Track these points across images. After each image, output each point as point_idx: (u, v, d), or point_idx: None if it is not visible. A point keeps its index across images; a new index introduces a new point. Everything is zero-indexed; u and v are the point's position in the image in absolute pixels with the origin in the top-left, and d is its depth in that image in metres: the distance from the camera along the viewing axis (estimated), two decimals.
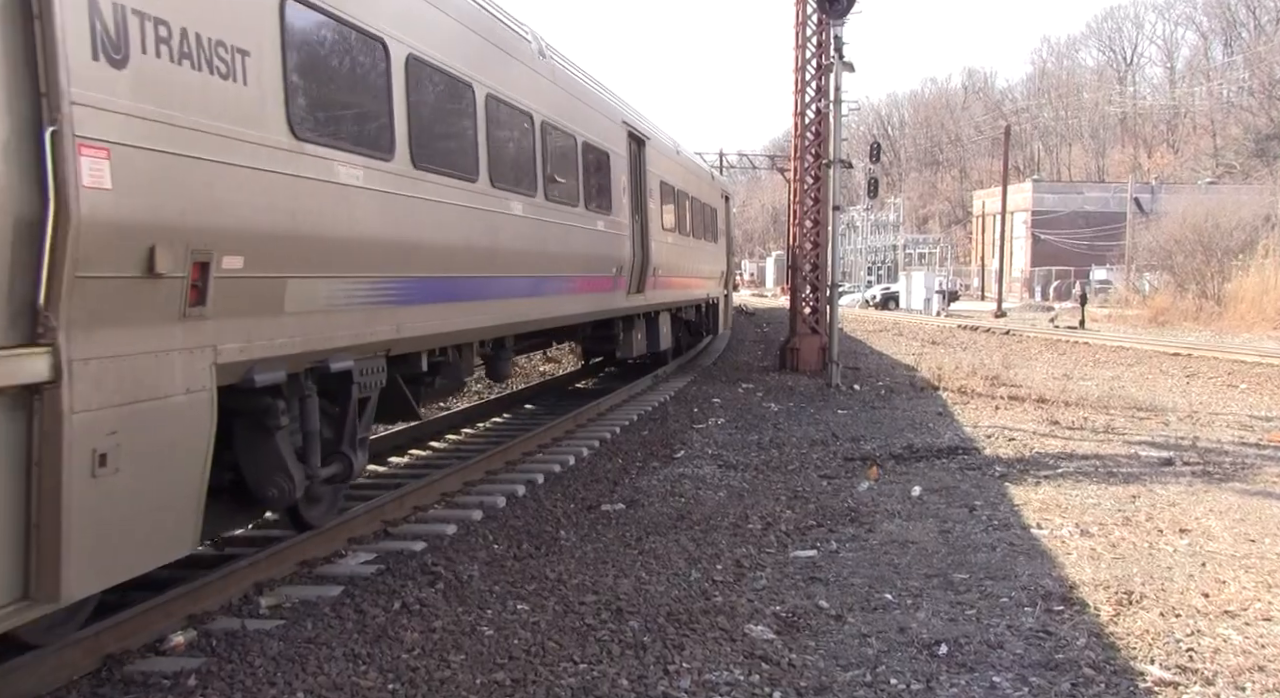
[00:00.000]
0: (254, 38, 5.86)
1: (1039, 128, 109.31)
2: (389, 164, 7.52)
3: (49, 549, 4.47)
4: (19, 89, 4.29)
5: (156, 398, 5.13)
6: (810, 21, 21.36)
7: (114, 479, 4.79)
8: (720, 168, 62.04)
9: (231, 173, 5.62)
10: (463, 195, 8.95)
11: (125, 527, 4.93)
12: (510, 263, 10.28)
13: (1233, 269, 42.90)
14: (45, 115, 4.34)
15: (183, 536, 5.44)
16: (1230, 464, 11.27)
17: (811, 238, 22.10)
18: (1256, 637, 5.80)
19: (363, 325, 7.32)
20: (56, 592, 4.50)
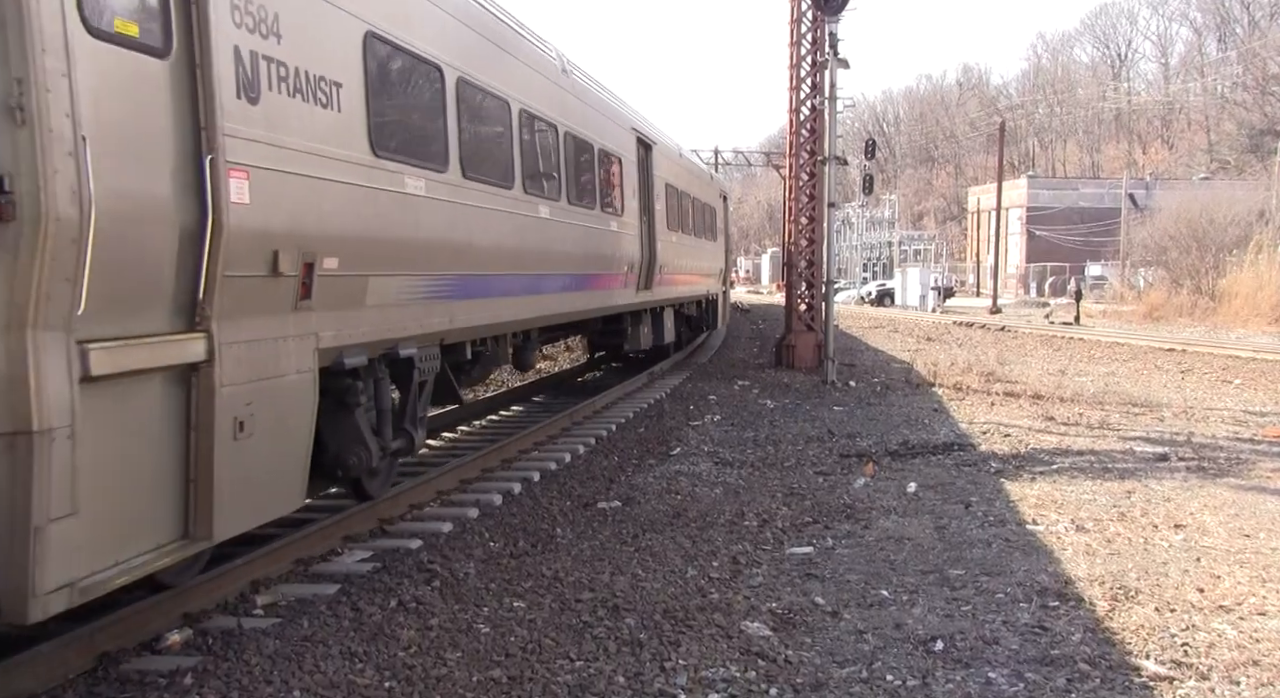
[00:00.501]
0: (345, 71, 6.89)
1: (1034, 124, 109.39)
2: (444, 175, 8.53)
3: (204, 498, 5.49)
4: (186, 125, 5.30)
5: (277, 376, 6.16)
6: (805, 18, 21.33)
7: (249, 443, 5.80)
8: (716, 165, 62.04)
9: (330, 187, 6.63)
10: (501, 201, 9.93)
11: (256, 483, 5.94)
12: (538, 262, 11.28)
13: (1227, 265, 42.95)
14: (205, 145, 5.37)
15: (295, 492, 6.52)
16: (1225, 460, 11.29)
17: (807, 235, 22.10)
18: (1251, 631, 5.82)
19: (424, 317, 8.35)
20: (210, 533, 5.54)
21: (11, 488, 4.37)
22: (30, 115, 4.33)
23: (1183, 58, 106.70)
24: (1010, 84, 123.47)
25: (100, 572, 4.82)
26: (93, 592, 4.78)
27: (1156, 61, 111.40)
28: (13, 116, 4.30)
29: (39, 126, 4.35)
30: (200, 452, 5.45)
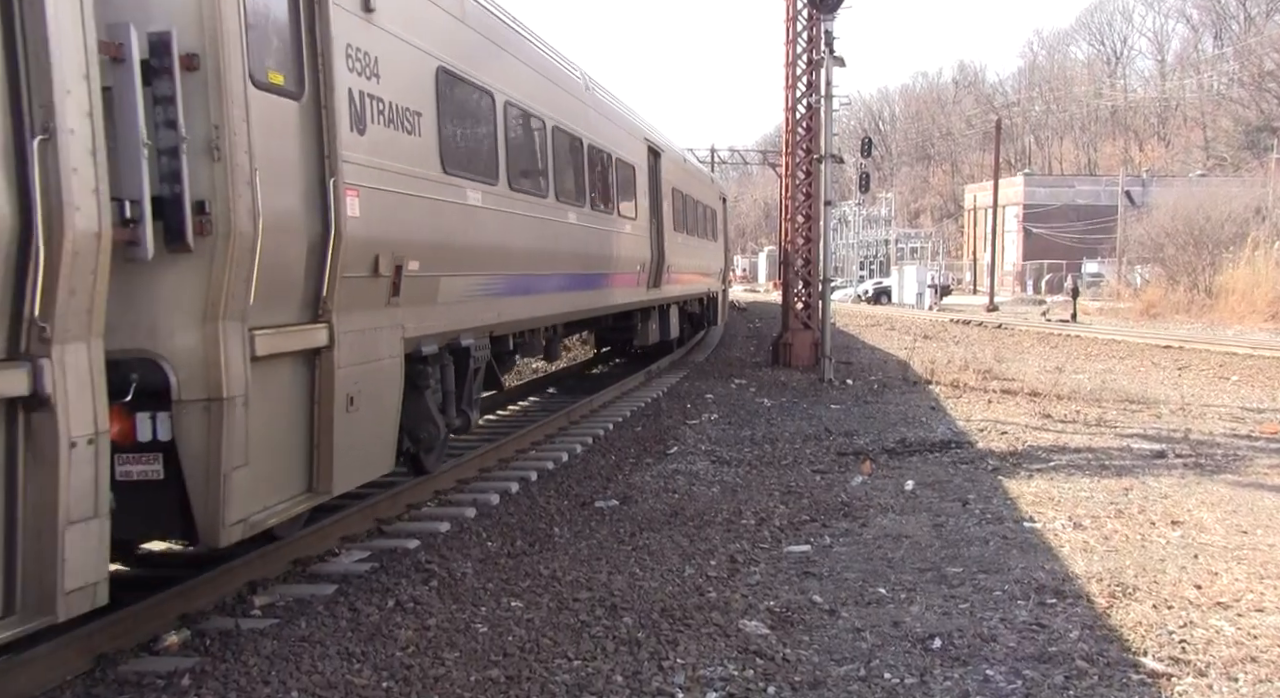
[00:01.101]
0: (422, 101, 8.06)
1: (1030, 121, 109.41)
2: (495, 188, 9.73)
3: (325, 459, 6.61)
4: (313, 154, 6.45)
5: (376, 360, 7.34)
6: (801, 16, 21.34)
7: (357, 414, 6.97)
8: (712, 164, 62.06)
9: (413, 201, 7.79)
10: (538, 209, 11.17)
11: (361, 447, 7.11)
12: (567, 263, 12.53)
13: (1224, 261, 42.98)
14: (328, 170, 6.52)
15: (388, 458, 7.72)
16: (1222, 456, 11.30)
17: (803, 233, 22.11)
18: (1249, 628, 5.82)
19: (479, 312, 9.60)
20: (330, 488, 6.68)
21: (206, 442, 5.51)
22: (223, 153, 5.50)
23: (1179, 54, 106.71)
24: (1006, 81, 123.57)
25: (258, 513, 5.95)
26: (255, 528, 5.94)
27: (1153, 58, 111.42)
28: (211, 155, 5.46)
29: (229, 162, 5.51)
30: (322, 421, 6.63)
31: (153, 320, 5.47)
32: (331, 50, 6.57)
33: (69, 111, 4.54)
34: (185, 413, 5.51)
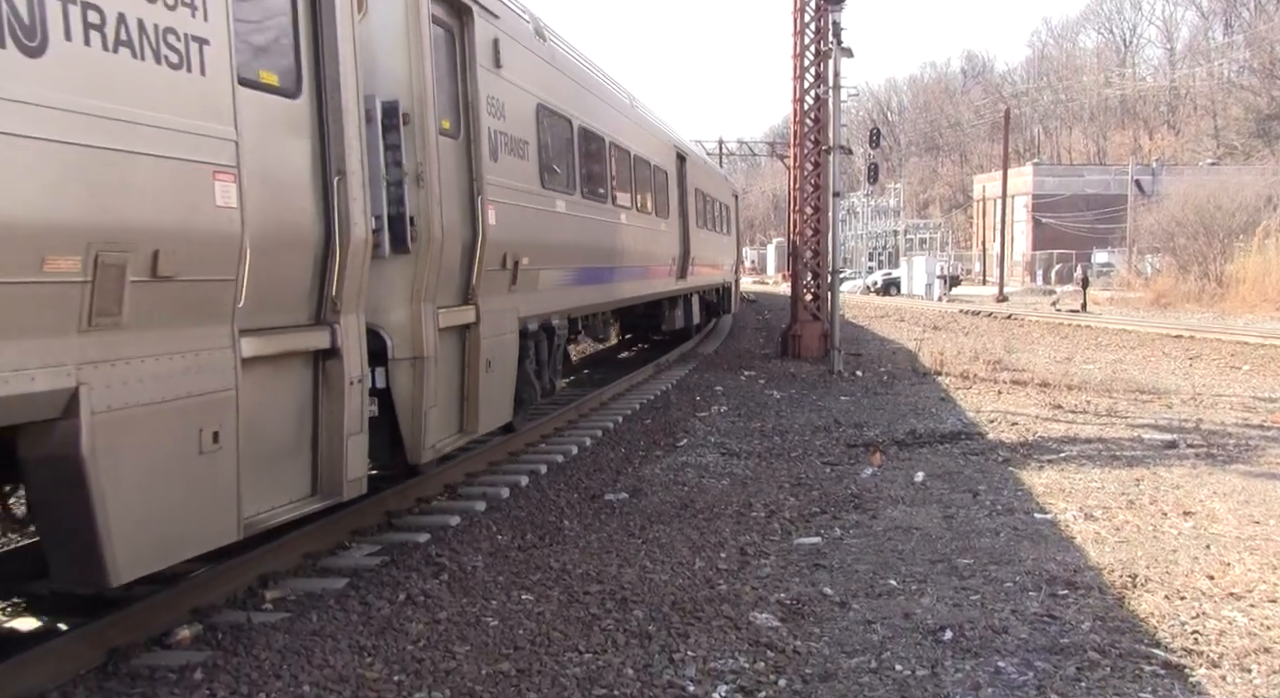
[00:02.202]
0: (528, 131, 10.15)
1: (1039, 111, 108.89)
2: (573, 197, 11.83)
3: (471, 407, 8.74)
4: (466, 178, 8.47)
5: (502, 334, 9.39)
6: (808, 7, 21.29)
7: (491, 375, 9.05)
8: (721, 156, 61.95)
9: (523, 210, 9.83)
10: (601, 213, 13.34)
11: (492, 400, 9.20)
12: (620, 257, 14.54)
13: (1235, 250, 42.80)
14: (476, 189, 8.55)
15: (507, 410, 9.85)
16: (1234, 446, 11.26)
17: (812, 224, 22.08)
18: (1262, 619, 5.80)
19: (563, 299, 11.74)
20: (475, 428, 8.90)
21: (412, 387, 7.58)
22: (425, 182, 7.56)
23: (1188, 43, 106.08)
24: (1015, 71, 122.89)
25: (441, 442, 8.14)
26: (438, 453, 8.16)
27: (1162, 47, 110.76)
28: (418, 183, 7.51)
29: (429, 189, 7.57)
30: (470, 379, 8.72)
31: (377, 302, 7.30)
32: (479, 101, 8.67)
33: (352, 159, 6.43)
34: (397, 368, 7.57)
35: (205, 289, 5.20)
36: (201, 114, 5.10)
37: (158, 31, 4.83)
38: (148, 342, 4.87)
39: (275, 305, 5.92)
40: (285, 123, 6.06)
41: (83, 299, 4.45)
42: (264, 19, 5.94)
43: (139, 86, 4.72)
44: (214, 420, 5.28)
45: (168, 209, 4.88)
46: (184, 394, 5.10)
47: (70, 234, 4.35)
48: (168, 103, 4.89)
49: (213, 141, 5.16)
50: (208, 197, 5.13)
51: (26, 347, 4.24)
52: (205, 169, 5.11)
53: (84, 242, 4.41)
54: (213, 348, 5.28)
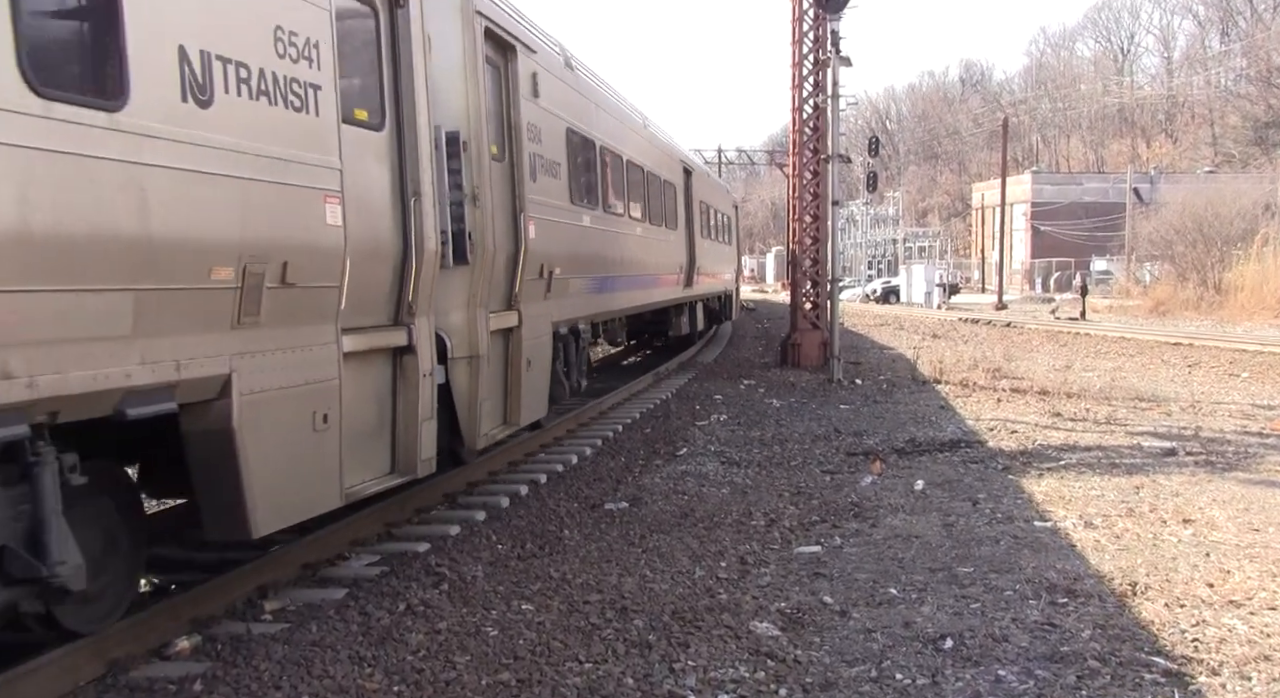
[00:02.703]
0: (559, 153, 11.18)
1: (1037, 120, 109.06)
2: (596, 212, 12.88)
3: (514, 402, 9.75)
4: (509, 197, 9.43)
5: (539, 337, 10.48)
6: (807, 17, 21.32)
7: (530, 373, 10.05)
8: (720, 165, 62.06)
9: (556, 225, 10.84)
10: (619, 226, 14.52)
11: (531, 396, 10.20)
12: (635, 267, 15.71)
13: (1233, 258, 42.83)
14: (518, 207, 9.56)
15: (543, 405, 10.90)
16: (1233, 454, 11.26)
17: (811, 233, 22.09)
18: (1262, 626, 5.80)
19: (588, 305, 12.81)
20: (518, 421, 9.93)
21: (469, 383, 8.62)
22: (480, 202, 8.58)
23: (1185, 51, 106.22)
24: (1013, 80, 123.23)
25: (491, 431, 9.26)
26: (490, 440, 9.33)
27: (1159, 55, 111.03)
28: (474, 202, 8.51)
29: (483, 207, 8.60)
30: (513, 376, 9.78)
31: (438, 307, 8.04)
32: (521, 129, 9.68)
33: (424, 182, 7.39)
34: (456, 365, 8.54)
35: (318, 294, 6.20)
36: (317, 148, 6.14)
37: (285, 81, 5.84)
38: (277, 337, 5.88)
39: (365, 308, 6.89)
40: (373, 152, 7.04)
41: (234, 302, 5.48)
42: (357, 64, 6.90)
43: (273, 127, 5.74)
44: (324, 404, 6.32)
45: (293, 228, 5.90)
46: (303, 382, 6.13)
47: (229, 249, 5.37)
48: (293, 140, 5.92)
49: (324, 171, 6.20)
50: (320, 217, 6.16)
51: (199, 340, 5.29)
52: (319, 194, 6.14)
53: (236, 255, 5.41)
54: (323, 343, 6.33)
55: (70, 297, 4.51)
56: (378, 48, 7.09)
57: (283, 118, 5.84)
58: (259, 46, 5.65)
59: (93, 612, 5.42)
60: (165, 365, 5.06)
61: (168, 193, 4.95)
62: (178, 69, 5.01)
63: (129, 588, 5.78)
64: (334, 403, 6.39)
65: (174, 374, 5.12)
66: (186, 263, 5.08)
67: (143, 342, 4.91)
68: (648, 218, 16.76)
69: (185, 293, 5.13)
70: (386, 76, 7.16)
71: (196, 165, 5.11)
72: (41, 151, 4.29)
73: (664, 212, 18.58)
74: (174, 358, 5.12)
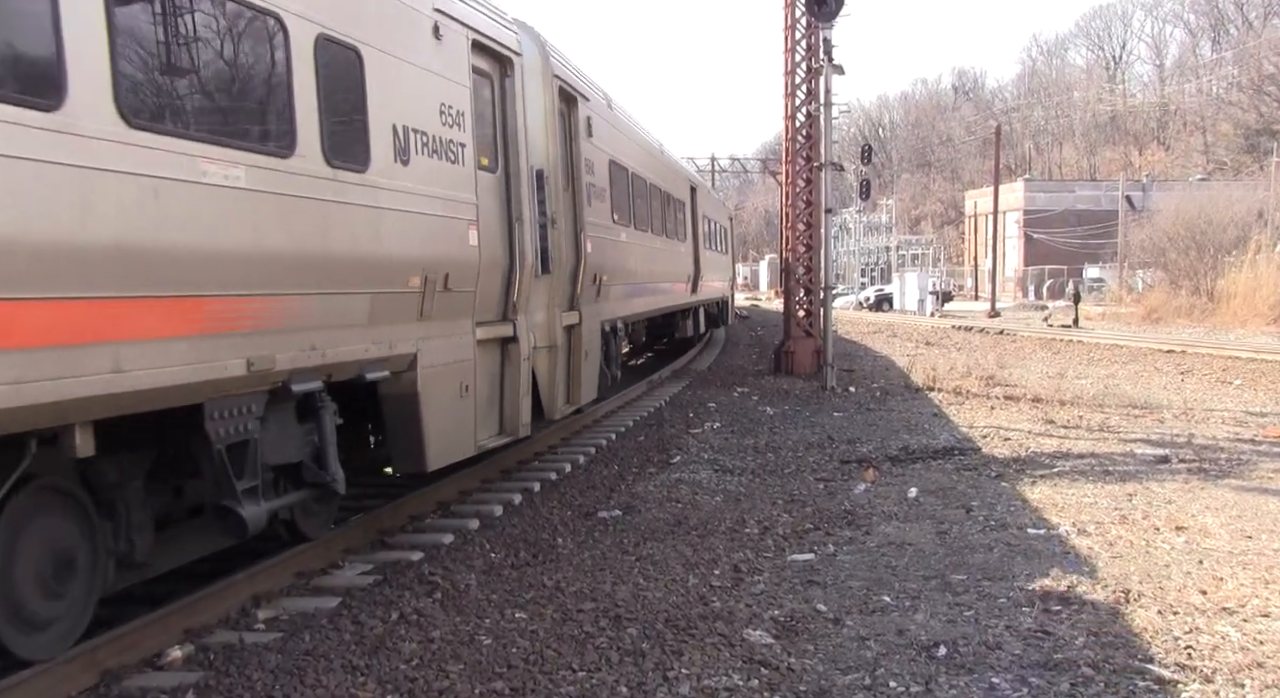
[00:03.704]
0: (605, 180, 13.18)
1: (1029, 127, 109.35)
2: (629, 229, 15.12)
3: (574, 385, 11.57)
4: (573, 220, 11.30)
5: (593, 333, 12.35)
6: (799, 25, 21.39)
7: (586, 361, 11.89)
8: (713, 173, 62.14)
9: (605, 241, 12.86)
10: (645, 240, 16.74)
11: (588, 382, 12.16)
12: (655, 275, 17.92)
13: (1225, 265, 42.94)
14: (579, 227, 11.44)
15: (595, 390, 12.75)
16: (1226, 461, 11.29)
17: (804, 241, 22.14)
18: (1255, 633, 5.81)
19: (623, 307, 14.89)
20: (578, 400, 11.86)
21: (548, 367, 10.53)
22: (556, 225, 10.41)
23: (1177, 59, 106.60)
24: (1005, 87, 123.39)
25: (561, 408, 11.18)
26: (560, 414, 11.37)
27: (1151, 63, 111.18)
28: (553, 225, 10.25)
29: (558, 228, 10.53)
30: (574, 364, 11.60)
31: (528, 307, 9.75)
32: (580, 163, 11.66)
33: (524, 210, 9.43)
34: (539, 353, 10.28)
35: (463, 297, 8.29)
36: (465, 189, 8.31)
37: (446, 141, 7.95)
38: (441, 328, 7.99)
39: (487, 308, 8.92)
40: (492, 189, 9.06)
41: (419, 301, 7.56)
42: (481, 123, 8.84)
43: (441, 176, 7.87)
44: (466, 378, 8.50)
45: (451, 247, 8.03)
46: (454, 360, 8.25)
47: (418, 264, 7.45)
48: (452, 184, 8.06)
49: (468, 205, 8.34)
50: (466, 239, 8.30)
51: (401, 328, 7.40)
52: (466, 223, 8.29)
53: (421, 268, 7.48)
54: (465, 333, 8.47)
55: (342, 298, 6.65)
56: (493, 109, 9.26)
57: (446, 169, 7.98)
58: (432, 118, 7.77)
59: (319, 520, 7.55)
60: (383, 345, 7.21)
61: (389, 226, 7.06)
62: (392, 140, 7.18)
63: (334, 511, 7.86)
64: (471, 377, 8.56)
65: (388, 351, 7.27)
66: (396, 275, 7.22)
67: (373, 329, 7.05)
68: (665, 232, 19.26)
69: (395, 295, 7.24)
70: (498, 130, 9.34)
71: (402, 206, 7.24)
72: (333, 203, 6.46)
73: (676, 227, 21.03)
74: (388, 340, 7.26)
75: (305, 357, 6.30)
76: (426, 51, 7.76)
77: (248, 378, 5.86)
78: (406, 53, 7.45)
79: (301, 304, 6.25)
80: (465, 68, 8.42)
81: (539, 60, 10.52)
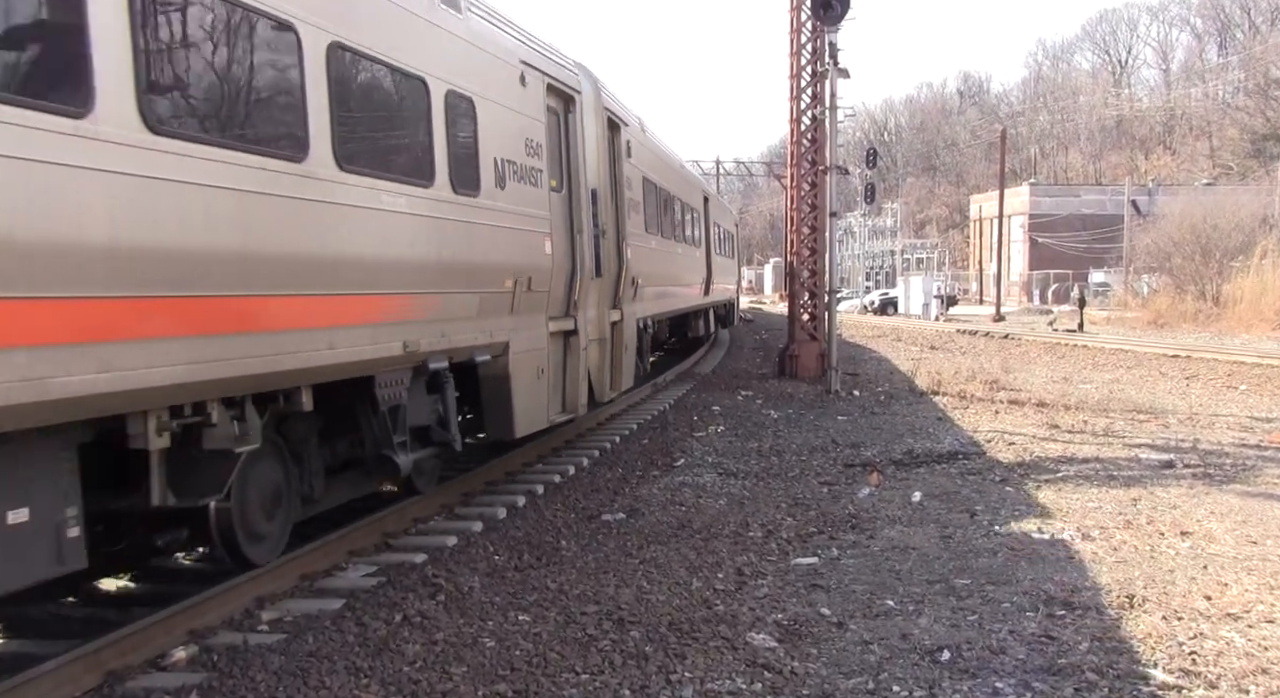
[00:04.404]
0: (639, 195, 14.79)
1: (1035, 132, 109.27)
2: (657, 237, 17.19)
3: (617, 374, 13.24)
4: (615, 231, 12.88)
5: (631, 329, 13.92)
6: (805, 28, 21.38)
7: (626, 353, 13.58)
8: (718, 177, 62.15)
9: (641, 248, 14.65)
10: (669, 246, 18.96)
11: (627, 371, 13.68)
12: (677, 278, 20.21)
13: (1231, 270, 42.85)
14: (621, 236, 13.10)
15: (632, 378, 14.26)
16: (1231, 466, 11.27)
17: (809, 244, 22.12)
18: (1259, 639, 5.79)
19: (652, 308, 16.73)
20: (619, 386, 13.51)
21: (600, 357, 12.23)
22: (608, 236, 12.36)
23: (1183, 64, 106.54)
24: (1011, 92, 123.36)
25: (608, 393, 12.75)
26: (608, 397, 12.98)
27: (1157, 68, 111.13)
28: (604, 235, 12.09)
29: (608, 238, 12.38)
30: (615, 355, 12.97)
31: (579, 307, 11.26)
32: (622, 181, 13.35)
33: (584, 222, 11.16)
34: (591, 345, 11.87)
35: (540, 296, 10.04)
36: (541, 207, 10.06)
37: (528, 168, 9.70)
38: (525, 321, 9.74)
39: (555, 305, 10.58)
40: (559, 206, 10.68)
41: (511, 299, 9.26)
42: (552, 152, 10.52)
43: (525, 197, 9.60)
44: (541, 363, 10.21)
45: (532, 255, 9.77)
46: (533, 348, 9.98)
47: (510, 269, 9.20)
48: (532, 203, 9.80)
49: (544, 220, 10.09)
50: (543, 249, 10.05)
51: (498, 321, 9.12)
52: (542, 235, 10.03)
53: (512, 272, 9.23)
54: (540, 326, 10.21)
55: (461, 296, 8.39)
56: (559, 138, 10.89)
57: (529, 191, 9.74)
58: (519, 150, 9.54)
59: (427, 479, 9.26)
60: (486, 334, 8.92)
61: (492, 239, 8.82)
62: (494, 170, 8.92)
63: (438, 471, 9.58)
64: (545, 362, 10.29)
65: (489, 339, 9.02)
66: (496, 278, 8.97)
67: (480, 321, 8.80)
68: (684, 240, 21.60)
69: (495, 294, 8.96)
70: (563, 155, 10.98)
71: (501, 223, 8.98)
72: (458, 222, 8.23)
73: (693, 234, 23.40)
74: (490, 330, 8.98)
75: (438, 342, 8.09)
76: (515, 96, 9.57)
77: (403, 357, 7.61)
78: (503, 98, 9.25)
79: (435, 301, 8.01)
80: (542, 107, 10.24)
81: (593, 95, 12.24)
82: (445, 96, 8.04)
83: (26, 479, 4.84)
